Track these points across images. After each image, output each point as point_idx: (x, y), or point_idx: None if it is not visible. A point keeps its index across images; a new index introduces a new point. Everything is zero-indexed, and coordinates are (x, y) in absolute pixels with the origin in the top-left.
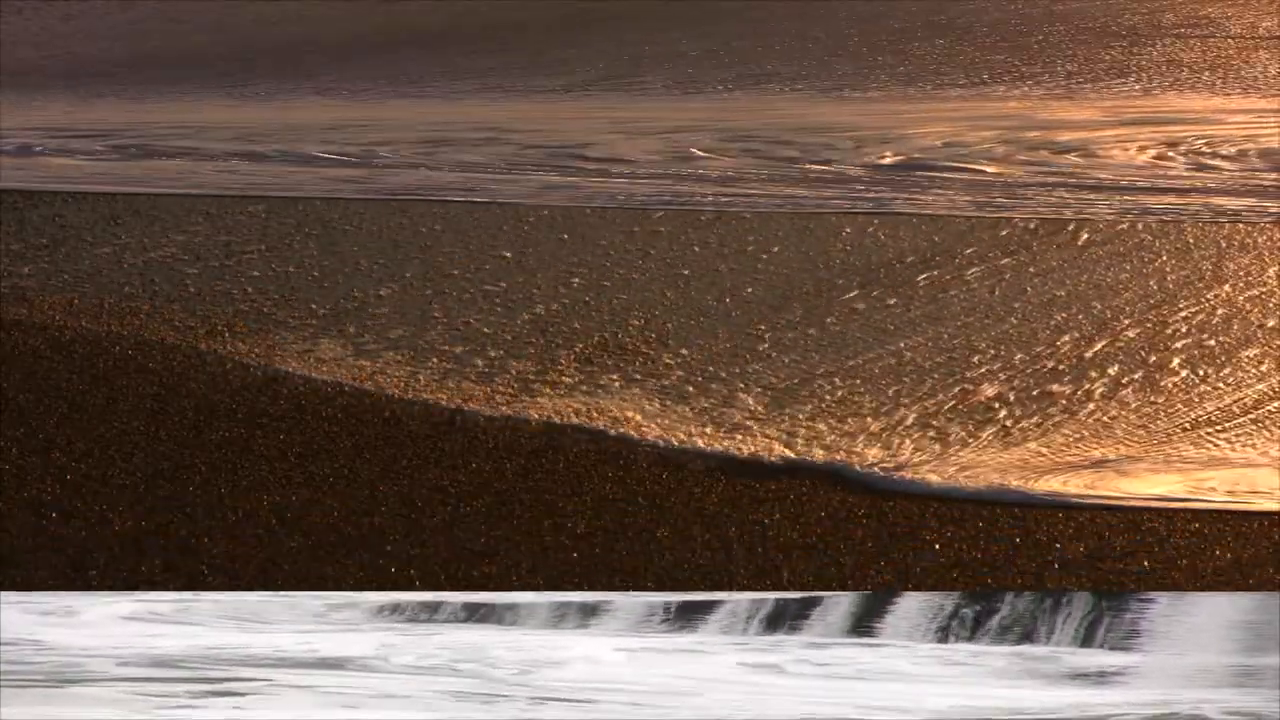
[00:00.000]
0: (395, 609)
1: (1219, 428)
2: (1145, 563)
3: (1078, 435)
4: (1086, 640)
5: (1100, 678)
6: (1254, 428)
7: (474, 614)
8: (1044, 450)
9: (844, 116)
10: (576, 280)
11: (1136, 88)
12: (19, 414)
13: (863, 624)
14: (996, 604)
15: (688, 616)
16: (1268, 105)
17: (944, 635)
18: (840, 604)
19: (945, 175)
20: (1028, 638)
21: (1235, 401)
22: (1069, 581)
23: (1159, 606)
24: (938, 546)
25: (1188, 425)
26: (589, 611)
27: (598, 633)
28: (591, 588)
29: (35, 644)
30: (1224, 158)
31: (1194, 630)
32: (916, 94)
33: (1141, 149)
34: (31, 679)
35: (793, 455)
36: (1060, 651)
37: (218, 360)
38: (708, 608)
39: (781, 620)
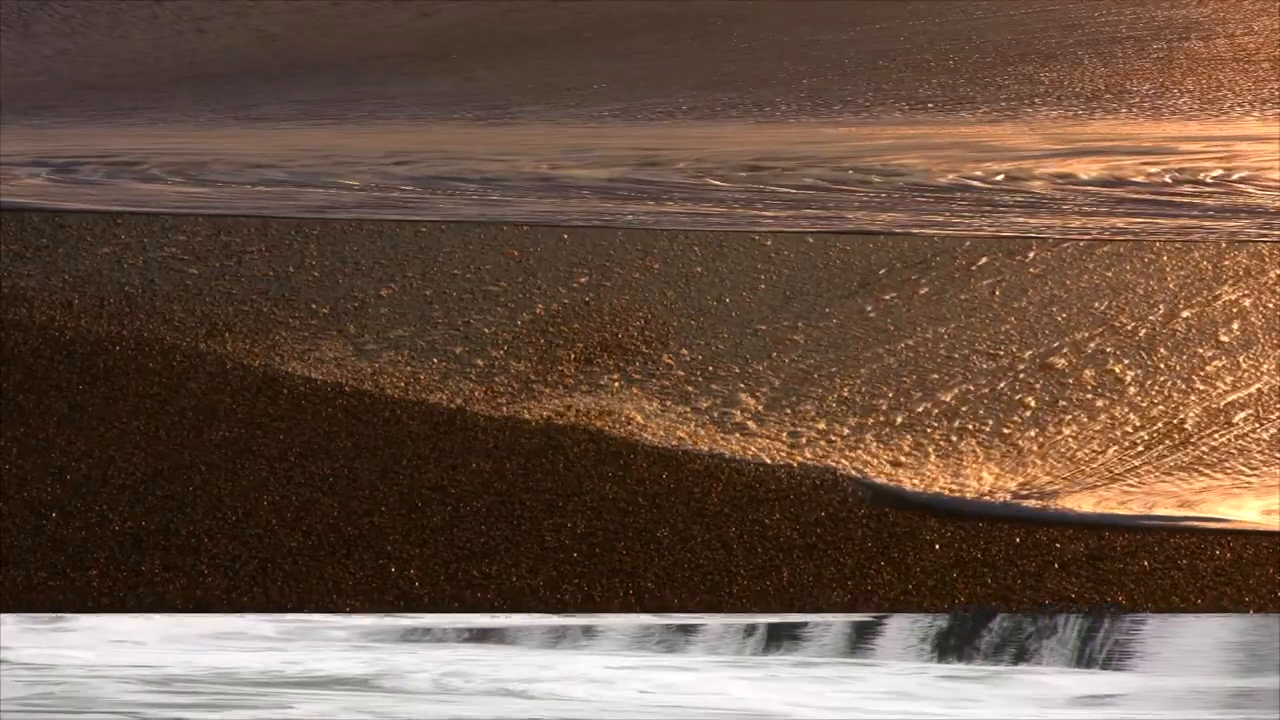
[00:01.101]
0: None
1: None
2: (1145, 562)
3: (1082, 442)
4: (1079, 661)
5: (1093, 699)
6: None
7: (468, 635)
8: (1050, 460)
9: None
10: (577, 280)
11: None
12: (19, 414)
13: (859, 643)
14: (989, 623)
15: (682, 636)
16: None
17: (939, 654)
18: (836, 623)
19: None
20: (1021, 658)
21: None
22: (1069, 582)
23: (1152, 626)
24: (938, 547)
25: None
26: (586, 632)
27: (593, 652)
28: (591, 589)
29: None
30: None
31: (1187, 651)
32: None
33: None
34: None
35: (794, 456)
36: (1052, 671)
37: (218, 360)
38: (703, 628)
39: (777, 640)
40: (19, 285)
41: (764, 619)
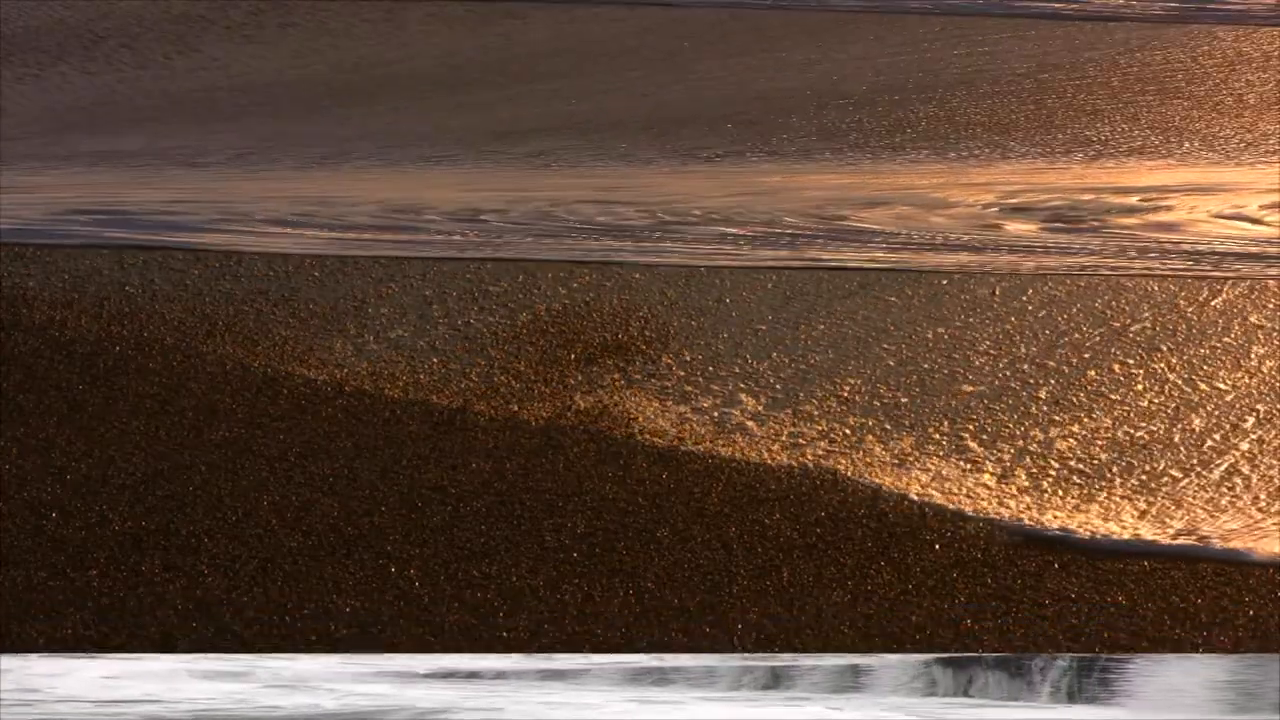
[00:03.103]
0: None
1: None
2: (1145, 563)
3: (1082, 445)
4: (1071, 697)
5: None
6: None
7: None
8: (1050, 465)
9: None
10: (577, 280)
11: None
12: (19, 414)
13: (849, 680)
14: (979, 660)
15: (670, 677)
16: None
17: (930, 690)
18: (826, 660)
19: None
20: (1013, 694)
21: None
22: (1069, 582)
23: (1144, 665)
24: (938, 547)
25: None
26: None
27: (586, 688)
28: (591, 589)
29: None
30: None
31: (1179, 690)
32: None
33: None
34: None
35: (793, 456)
36: (1043, 707)
37: (218, 360)
38: (691, 670)
39: (774, 678)
40: (19, 285)
41: (761, 662)
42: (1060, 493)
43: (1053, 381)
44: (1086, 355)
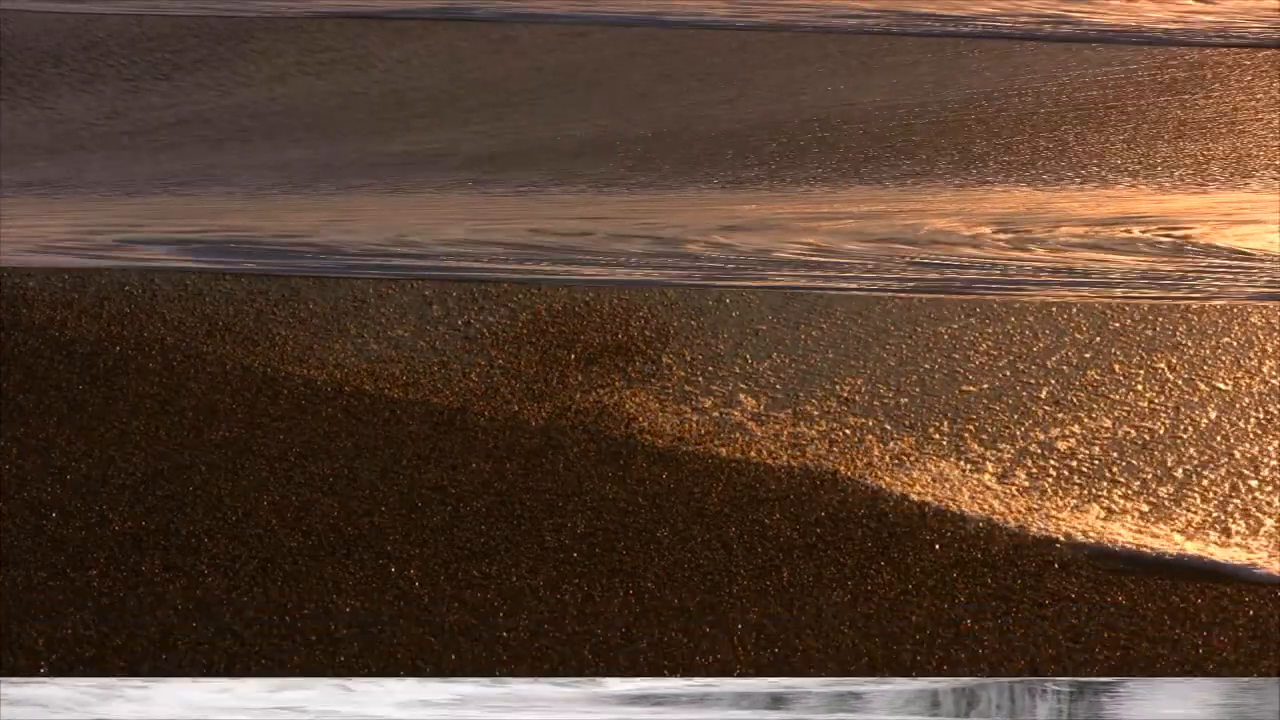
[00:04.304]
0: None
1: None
2: (1145, 564)
3: (1083, 445)
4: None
5: None
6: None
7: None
8: (1049, 467)
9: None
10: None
11: None
12: (19, 414)
13: (847, 703)
14: (981, 685)
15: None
16: None
17: (933, 709)
18: (826, 681)
19: None
20: (1013, 715)
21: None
22: (1069, 583)
23: (1141, 687)
24: (938, 547)
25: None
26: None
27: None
28: (591, 589)
29: None
30: None
31: (1177, 714)
32: None
33: None
34: None
35: (793, 456)
36: None
37: (218, 360)
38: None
39: (772, 700)
40: (19, 285)
41: (762, 685)
42: (1061, 493)
43: (1053, 381)
44: (1086, 355)
